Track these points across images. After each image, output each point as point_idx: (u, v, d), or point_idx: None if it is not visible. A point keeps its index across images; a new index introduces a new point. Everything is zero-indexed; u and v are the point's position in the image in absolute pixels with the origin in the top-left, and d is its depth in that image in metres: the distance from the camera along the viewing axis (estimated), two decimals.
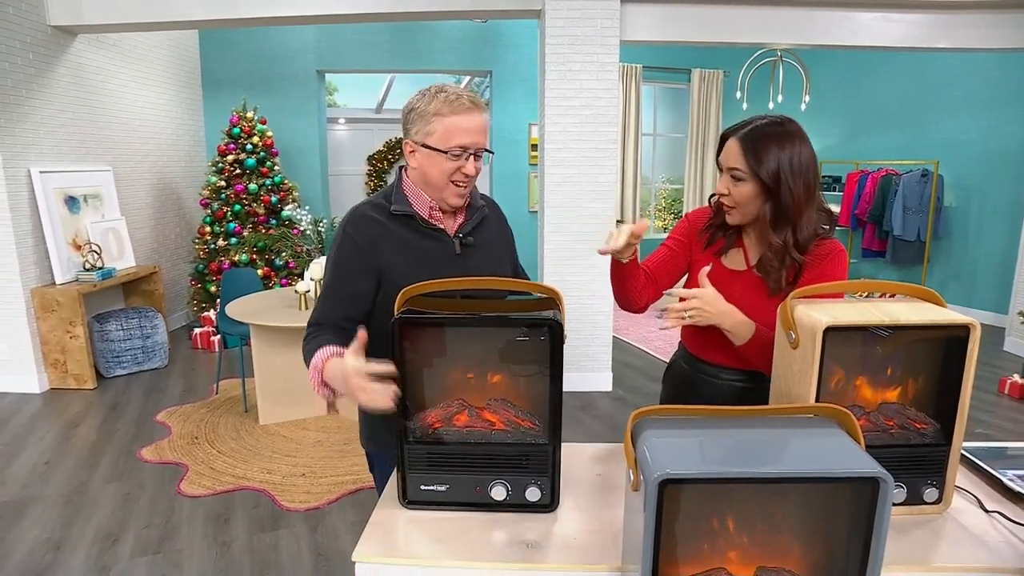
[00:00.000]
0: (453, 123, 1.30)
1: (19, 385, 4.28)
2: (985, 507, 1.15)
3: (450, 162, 1.32)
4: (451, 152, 1.31)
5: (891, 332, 1.09)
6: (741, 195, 1.35)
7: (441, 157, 1.32)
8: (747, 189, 1.34)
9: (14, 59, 4.05)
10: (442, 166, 1.33)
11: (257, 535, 2.64)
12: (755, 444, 0.79)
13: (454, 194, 1.37)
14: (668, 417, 0.87)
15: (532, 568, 0.99)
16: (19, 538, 2.61)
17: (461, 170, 1.33)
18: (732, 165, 1.35)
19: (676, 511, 0.77)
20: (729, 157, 1.36)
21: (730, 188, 1.36)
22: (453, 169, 1.33)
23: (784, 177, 1.30)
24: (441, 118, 1.30)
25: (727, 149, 1.37)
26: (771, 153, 1.30)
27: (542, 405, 1.10)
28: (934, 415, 1.13)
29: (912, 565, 1.00)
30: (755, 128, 1.34)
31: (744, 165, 1.33)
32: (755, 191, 1.33)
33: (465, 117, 1.31)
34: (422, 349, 1.11)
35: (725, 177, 1.38)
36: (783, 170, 1.30)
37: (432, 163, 1.33)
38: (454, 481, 1.11)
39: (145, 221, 5.52)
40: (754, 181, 1.32)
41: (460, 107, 1.31)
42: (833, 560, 0.81)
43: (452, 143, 1.31)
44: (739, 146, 1.34)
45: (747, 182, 1.34)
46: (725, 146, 1.38)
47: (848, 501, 0.78)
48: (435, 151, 1.32)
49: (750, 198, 1.35)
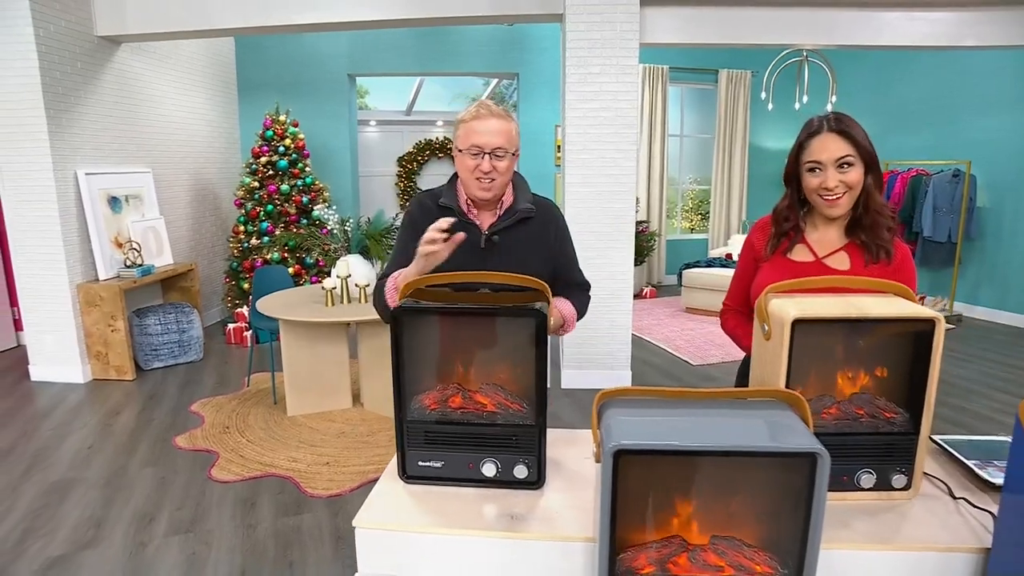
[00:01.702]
0: (471, 127, 1.57)
1: (65, 375, 4.53)
2: (953, 494, 1.21)
3: (470, 160, 1.57)
4: (469, 151, 1.57)
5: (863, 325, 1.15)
6: (854, 178, 1.49)
7: (465, 156, 1.58)
8: (857, 172, 1.49)
9: (64, 68, 4.30)
10: (466, 163, 1.59)
11: (281, 519, 2.78)
12: (708, 422, 0.87)
13: (477, 187, 1.61)
14: (633, 398, 0.95)
15: (514, 537, 1.08)
16: (65, 515, 2.79)
17: (478, 167, 1.57)
18: (841, 155, 1.48)
19: (633, 481, 0.86)
20: (835, 150, 1.48)
21: (840, 178, 1.49)
22: (473, 166, 1.58)
23: (873, 150, 1.50)
24: (464, 124, 1.59)
25: (824, 146, 1.49)
26: (858, 132, 1.49)
27: (530, 389, 1.19)
28: (904, 405, 1.19)
29: (876, 544, 1.07)
30: (834, 120, 1.50)
31: (851, 150, 1.48)
32: (862, 171, 1.49)
33: (480, 122, 1.57)
34: (419, 336, 1.21)
35: (831, 171, 1.49)
36: (870, 143, 1.50)
37: (461, 162, 1.61)
38: (448, 458, 1.21)
39: (182, 220, 5.77)
40: (861, 161, 1.49)
41: (478, 114, 1.58)
42: (780, 531, 0.88)
43: (469, 143, 1.57)
44: (839, 137, 1.48)
45: (856, 165, 1.49)
46: (815, 146, 1.50)
47: (792, 476, 0.85)
48: (460, 152, 1.59)
49: (859, 179, 1.50)
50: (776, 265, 1.60)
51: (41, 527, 2.69)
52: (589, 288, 1.86)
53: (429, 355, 1.23)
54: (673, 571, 0.89)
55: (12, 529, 2.68)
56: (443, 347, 1.24)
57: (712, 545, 0.90)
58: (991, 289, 6.18)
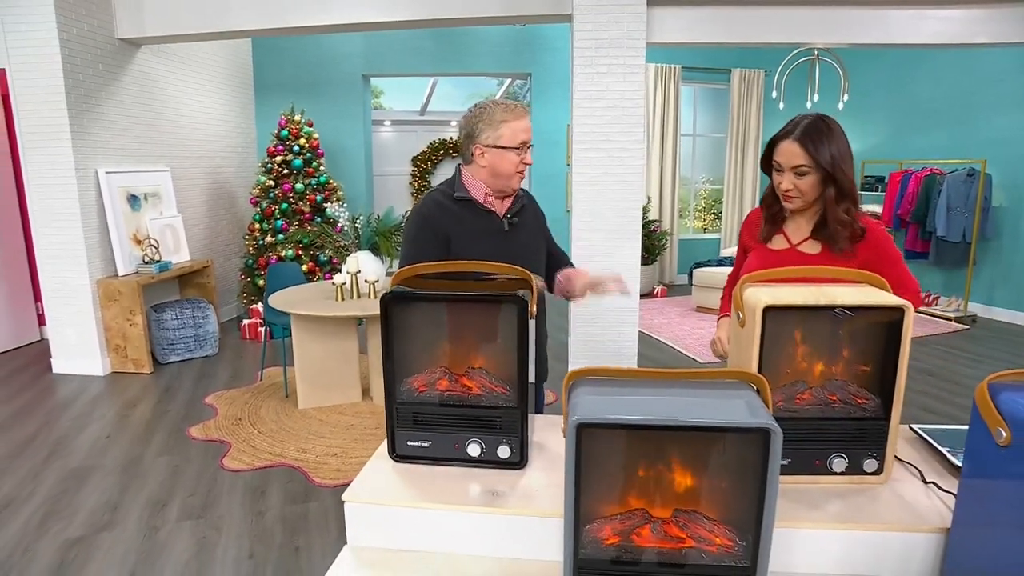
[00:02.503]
0: (517, 127, 1.75)
1: (85, 368, 4.66)
2: (925, 479, 1.24)
3: (514, 155, 1.75)
4: (514, 148, 1.75)
5: (847, 315, 1.19)
6: (806, 185, 1.59)
7: (511, 152, 1.75)
8: (811, 180, 1.58)
9: (87, 70, 4.43)
10: (509, 158, 1.75)
11: (289, 506, 2.87)
12: (670, 399, 0.92)
13: (518, 180, 1.81)
14: (602, 377, 1.00)
15: (494, 513, 1.13)
16: (84, 499, 2.90)
17: (523, 160, 1.77)
18: (796, 163, 1.58)
19: (597, 455, 0.91)
20: (792, 157, 1.59)
21: (795, 183, 1.60)
22: (518, 160, 1.76)
23: (837, 163, 1.56)
24: (507, 124, 1.74)
25: (784, 151, 1.60)
26: (824, 146, 1.56)
27: (513, 373, 1.24)
28: (877, 392, 1.23)
29: (845, 523, 1.10)
30: (804, 128, 1.57)
31: (807, 160, 1.56)
32: (816, 180, 1.58)
33: (524, 120, 1.77)
34: (408, 322, 1.27)
35: (787, 174, 1.60)
36: (835, 157, 1.56)
37: (503, 159, 1.75)
38: (435, 438, 1.27)
39: (199, 218, 5.90)
40: (817, 172, 1.57)
41: (520, 113, 1.76)
42: (738, 506, 0.93)
43: (518, 140, 1.75)
44: (798, 145, 1.57)
45: (810, 174, 1.58)
46: (779, 148, 1.61)
47: (748, 452, 0.89)
48: (506, 149, 1.74)
49: (813, 186, 1.59)
50: (759, 254, 1.72)
51: (61, 510, 2.80)
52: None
53: (417, 340, 1.28)
54: (636, 542, 0.94)
55: (34, 512, 2.79)
56: (431, 332, 1.29)
57: (674, 518, 0.94)
58: (1008, 290, 6.11)
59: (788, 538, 1.09)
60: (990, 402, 0.94)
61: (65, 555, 2.48)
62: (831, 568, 1.10)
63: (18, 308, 5.32)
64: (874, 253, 1.62)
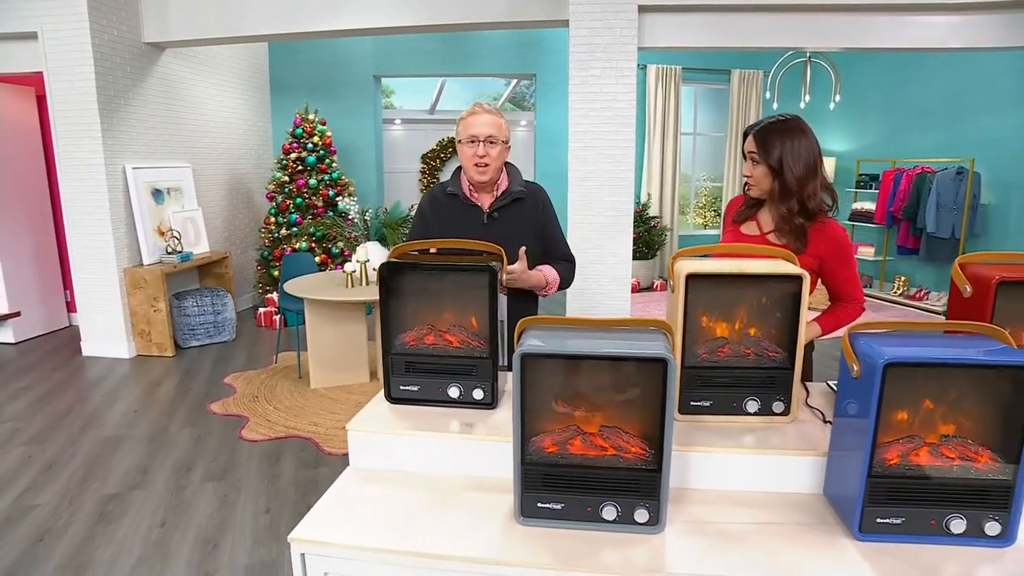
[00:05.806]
0: (468, 122, 1.99)
1: (112, 351, 4.99)
2: (825, 419, 1.50)
3: (468, 148, 1.97)
4: (467, 141, 1.97)
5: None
6: (757, 174, 1.85)
7: (464, 146, 1.98)
8: (761, 170, 1.83)
9: (115, 73, 4.75)
10: (465, 152, 1.98)
11: (301, 471, 3.16)
12: (596, 339, 1.19)
13: (476, 172, 2.00)
14: (547, 324, 1.27)
15: (467, 439, 1.41)
16: (117, 464, 3.21)
17: (475, 153, 1.96)
18: (750, 150, 1.85)
19: (538, 382, 1.18)
20: (749, 146, 1.87)
21: (751, 170, 1.86)
22: (471, 153, 1.97)
23: (786, 161, 1.78)
24: (463, 120, 2.01)
25: (748, 142, 1.87)
26: (775, 144, 1.79)
27: (485, 329, 1.52)
28: (784, 348, 1.49)
29: (749, 449, 1.37)
30: (765, 126, 1.83)
31: (761, 155, 1.82)
32: (765, 172, 1.82)
33: (475, 117, 1.98)
34: (402, 287, 1.54)
35: (747, 162, 1.89)
36: (785, 156, 1.78)
37: (462, 152, 2.00)
38: (422, 383, 1.54)
39: (218, 212, 6.22)
40: (765, 164, 1.81)
41: (475, 111, 2.00)
42: (650, 423, 1.19)
43: (467, 134, 1.98)
44: (753, 139, 1.84)
45: (760, 164, 1.82)
46: (747, 140, 1.88)
47: (652, 380, 1.15)
48: (462, 143, 1.99)
49: (762, 177, 1.84)
50: (731, 235, 1.96)
51: (98, 472, 3.12)
52: (574, 261, 2.24)
53: (409, 302, 1.56)
54: (570, 450, 1.21)
55: (75, 472, 3.11)
56: (420, 296, 1.57)
57: (600, 432, 1.21)
58: None
59: (707, 461, 1.36)
60: (849, 345, 1.20)
61: (104, 507, 2.79)
62: (743, 485, 1.36)
63: (49, 296, 5.66)
64: (829, 250, 1.82)
